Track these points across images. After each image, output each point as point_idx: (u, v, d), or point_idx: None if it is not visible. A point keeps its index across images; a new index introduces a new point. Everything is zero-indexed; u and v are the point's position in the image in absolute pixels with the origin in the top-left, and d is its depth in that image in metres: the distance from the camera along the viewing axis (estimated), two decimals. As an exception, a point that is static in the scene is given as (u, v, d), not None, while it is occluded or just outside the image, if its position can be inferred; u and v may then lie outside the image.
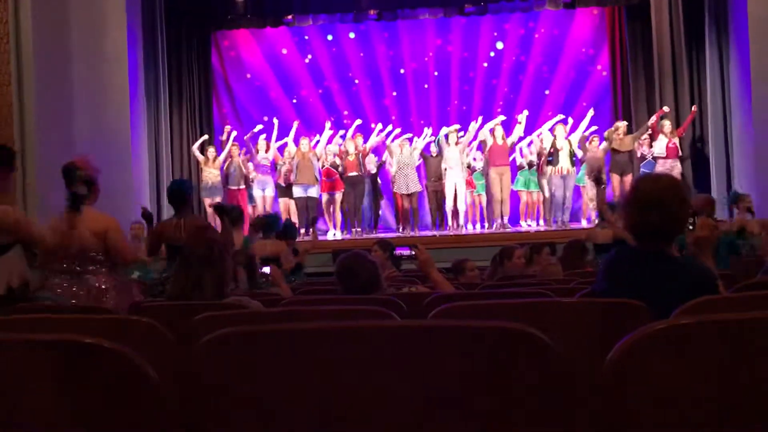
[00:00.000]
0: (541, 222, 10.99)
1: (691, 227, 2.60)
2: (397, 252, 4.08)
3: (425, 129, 11.45)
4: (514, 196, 11.14)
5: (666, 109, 10.54)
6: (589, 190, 10.47)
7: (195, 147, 11.27)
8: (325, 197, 10.94)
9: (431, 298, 2.74)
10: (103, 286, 3.64)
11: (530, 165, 10.95)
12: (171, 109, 12.10)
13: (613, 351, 1.10)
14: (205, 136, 11.57)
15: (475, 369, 1.04)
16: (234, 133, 11.43)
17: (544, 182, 10.72)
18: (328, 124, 11.47)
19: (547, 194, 10.76)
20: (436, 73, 13.09)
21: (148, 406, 1.14)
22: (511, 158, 10.81)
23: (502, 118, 11.18)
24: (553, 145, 10.48)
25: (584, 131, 10.60)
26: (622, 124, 10.53)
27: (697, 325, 1.13)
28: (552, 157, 10.48)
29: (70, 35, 9.59)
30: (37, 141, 8.90)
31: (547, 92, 12.78)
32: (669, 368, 1.08)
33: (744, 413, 1.08)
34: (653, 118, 10.47)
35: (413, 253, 3.83)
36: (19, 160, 8.78)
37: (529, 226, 10.83)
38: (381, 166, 11.21)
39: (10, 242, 3.53)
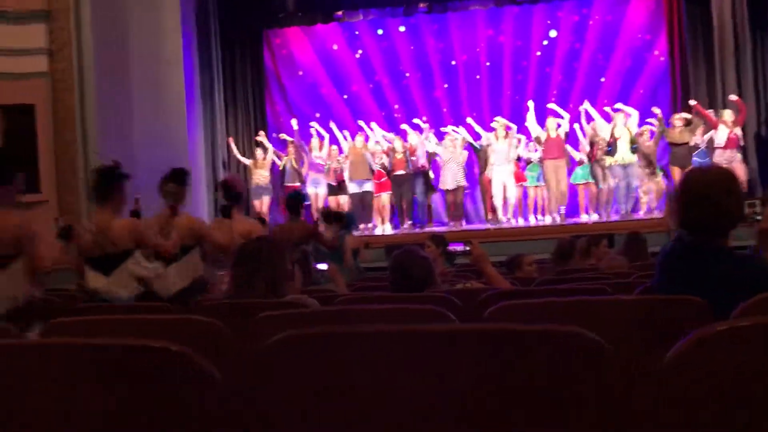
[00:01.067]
0: (594, 215, 10.75)
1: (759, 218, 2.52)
2: (451, 247, 4.07)
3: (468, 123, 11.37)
4: (573, 189, 10.98)
5: (733, 97, 10.16)
6: (644, 183, 10.25)
7: (238, 155, 11.47)
8: (377, 196, 10.99)
9: (486, 295, 2.73)
10: None
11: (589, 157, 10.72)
12: (226, 108, 12.35)
13: (671, 352, 1.08)
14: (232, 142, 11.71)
15: (530, 372, 1.05)
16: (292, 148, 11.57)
17: (599, 172, 10.50)
18: (373, 125, 11.51)
19: (601, 185, 10.53)
20: (487, 64, 12.97)
21: (212, 406, 1.18)
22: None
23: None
24: (612, 134, 10.26)
25: (637, 124, 10.38)
26: (679, 121, 10.21)
27: (758, 328, 1.11)
28: (611, 147, 10.25)
29: (129, 41, 9.87)
30: (99, 142, 9.20)
31: (602, 80, 12.52)
32: (729, 370, 1.07)
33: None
34: (710, 111, 10.16)
35: (467, 248, 3.81)
36: (82, 163, 9.16)
37: (592, 217, 10.62)
38: (432, 159, 11.20)
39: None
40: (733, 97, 10.13)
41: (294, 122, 11.74)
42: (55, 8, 9.22)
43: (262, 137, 11.58)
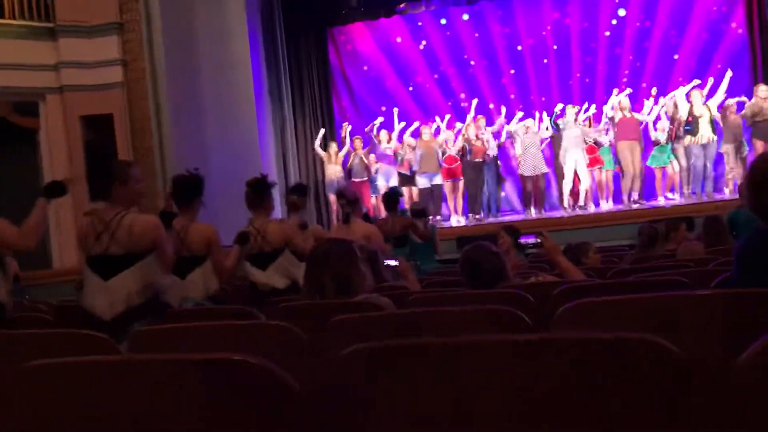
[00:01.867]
0: (676, 195, 10.40)
1: None
2: (522, 240, 4.03)
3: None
4: (649, 171, 10.66)
5: None
6: (731, 159, 9.82)
7: (317, 145, 11.61)
8: (447, 185, 10.95)
9: (559, 291, 2.70)
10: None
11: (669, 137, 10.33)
12: (294, 107, 12.55)
13: (745, 354, 1.05)
14: (323, 130, 11.82)
15: (604, 382, 1.04)
16: (349, 128, 11.65)
17: (681, 151, 10.13)
18: (438, 120, 11.45)
19: (684, 164, 10.16)
20: (555, 47, 12.70)
21: (292, 418, 1.22)
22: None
23: (628, 90, 10.69)
24: (691, 112, 9.87)
25: (724, 95, 9.93)
26: (764, 91, 9.70)
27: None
28: (691, 125, 9.88)
29: (198, 46, 10.17)
30: (174, 149, 9.53)
31: (676, 57, 12.07)
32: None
33: None
34: None
35: (539, 240, 3.77)
36: (159, 168, 9.51)
37: (670, 200, 10.28)
38: (500, 147, 11.09)
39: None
40: None
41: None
42: (127, 19, 9.59)
43: (346, 130, 11.67)
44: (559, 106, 10.82)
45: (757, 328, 1.33)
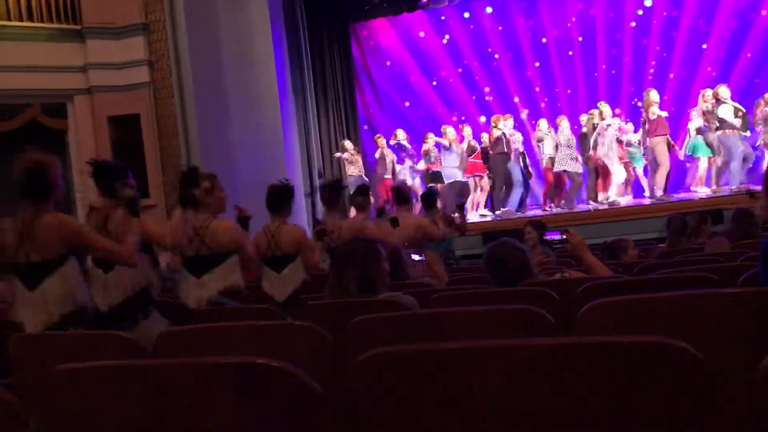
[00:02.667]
0: (706, 189, 10.22)
1: None
2: (548, 236, 4.01)
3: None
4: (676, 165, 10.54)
5: None
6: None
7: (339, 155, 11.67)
8: (471, 180, 10.92)
9: (584, 288, 2.68)
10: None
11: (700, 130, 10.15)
12: (317, 103, 12.58)
13: (766, 360, 1.04)
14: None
15: (623, 386, 1.04)
16: (382, 141, 11.68)
17: (715, 143, 9.91)
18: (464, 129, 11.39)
19: (715, 156, 9.96)
20: (580, 39, 12.57)
21: (314, 420, 1.24)
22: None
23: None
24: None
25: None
26: None
27: None
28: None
29: (221, 45, 10.23)
30: (200, 147, 9.61)
31: (704, 46, 11.88)
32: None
33: None
34: None
35: (564, 237, 3.74)
36: (186, 166, 9.60)
37: (702, 192, 10.11)
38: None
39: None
40: None
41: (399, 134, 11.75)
42: (152, 20, 9.70)
43: (380, 140, 11.68)
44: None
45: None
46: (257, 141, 10.34)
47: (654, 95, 9.86)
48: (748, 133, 9.71)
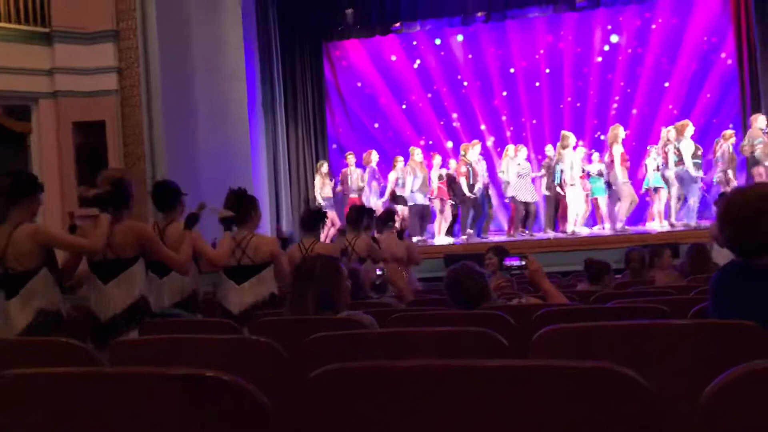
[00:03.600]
0: (665, 222, 10.44)
1: None
2: (507, 262, 4.05)
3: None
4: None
5: None
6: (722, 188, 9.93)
7: (317, 194, 11.57)
8: (437, 203, 10.99)
9: (539, 314, 2.72)
10: None
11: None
12: (287, 119, 12.58)
13: (708, 390, 1.08)
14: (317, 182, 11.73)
15: (569, 410, 1.06)
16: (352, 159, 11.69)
17: (672, 177, 10.17)
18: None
19: (673, 191, 10.21)
20: (547, 71, 12.83)
21: (262, 434, 1.23)
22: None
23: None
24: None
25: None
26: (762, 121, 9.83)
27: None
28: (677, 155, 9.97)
29: (193, 56, 10.19)
30: (166, 157, 9.52)
31: (666, 84, 12.23)
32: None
33: None
34: None
35: (523, 263, 3.79)
36: (150, 175, 9.49)
37: (656, 226, 10.34)
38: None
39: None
40: None
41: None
42: (123, 28, 9.61)
43: (350, 158, 11.67)
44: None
45: (727, 359, 1.36)
46: (224, 154, 10.29)
47: (621, 132, 10.09)
48: (701, 173, 9.99)
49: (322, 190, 11.35)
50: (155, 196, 4.39)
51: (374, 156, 11.41)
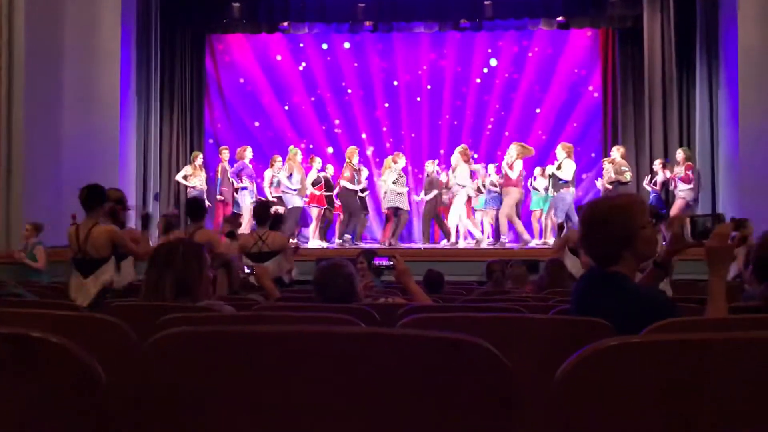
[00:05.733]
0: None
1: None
2: (376, 261, 4.07)
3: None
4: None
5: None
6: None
7: (179, 177, 11.24)
8: (315, 210, 10.91)
9: (404, 309, 2.72)
10: None
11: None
12: (162, 109, 12.06)
13: (563, 366, 1.09)
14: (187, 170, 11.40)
15: (415, 378, 1.03)
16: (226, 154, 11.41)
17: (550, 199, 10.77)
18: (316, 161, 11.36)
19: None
20: (429, 87, 13.13)
21: (93, 404, 1.12)
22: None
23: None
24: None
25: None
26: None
27: (649, 344, 1.13)
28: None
29: (64, 33, 9.56)
30: (25, 138, 8.85)
31: (538, 111, 12.85)
32: (618, 386, 1.08)
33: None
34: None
35: (391, 263, 3.82)
36: (5, 158, 8.78)
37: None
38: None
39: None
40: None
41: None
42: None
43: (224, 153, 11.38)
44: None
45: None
46: (90, 140, 9.70)
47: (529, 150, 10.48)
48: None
49: (191, 178, 10.96)
50: (83, 197, 4.89)
51: (248, 152, 11.15)
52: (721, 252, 2.16)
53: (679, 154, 10.45)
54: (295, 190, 10.58)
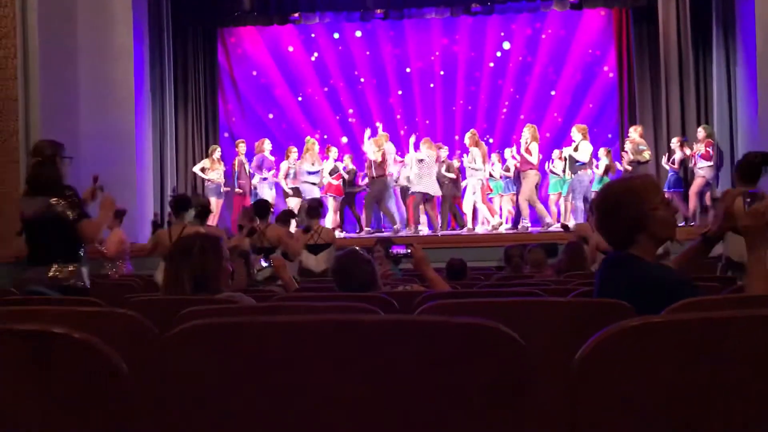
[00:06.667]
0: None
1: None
2: (393, 250, 4.07)
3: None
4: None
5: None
6: None
7: (196, 169, 11.27)
8: (330, 201, 10.88)
9: (423, 296, 2.72)
10: None
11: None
12: (176, 104, 12.11)
13: (583, 347, 1.08)
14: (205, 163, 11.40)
15: (434, 363, 1.03)
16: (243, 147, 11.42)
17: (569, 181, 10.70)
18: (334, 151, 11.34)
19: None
20: (441, 73, 13.07)
21: (116, 398, 1.13)
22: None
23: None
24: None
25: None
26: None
27: (670, 324, 1.12)
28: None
29: (77, 30, 9.61)
30: (42, 134, 8.91)
31: (552, 93, 12.75)
32: (640, 367, 1.07)
33: (711, 414, 1.07)
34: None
35: (408, 251, 3.81)
36: (23, 153, 8.86)
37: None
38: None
39: None
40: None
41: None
42: (-2, -6, 8.92)
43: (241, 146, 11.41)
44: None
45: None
46: (107, 137, 9.76)
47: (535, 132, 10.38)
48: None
49: (209, 172, 10.99)
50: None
51: (267, 145, 11.14)
52: (757, 230, 2.09)
53: (700, 132, 10.29)
54: (315, 180, 10.59)
